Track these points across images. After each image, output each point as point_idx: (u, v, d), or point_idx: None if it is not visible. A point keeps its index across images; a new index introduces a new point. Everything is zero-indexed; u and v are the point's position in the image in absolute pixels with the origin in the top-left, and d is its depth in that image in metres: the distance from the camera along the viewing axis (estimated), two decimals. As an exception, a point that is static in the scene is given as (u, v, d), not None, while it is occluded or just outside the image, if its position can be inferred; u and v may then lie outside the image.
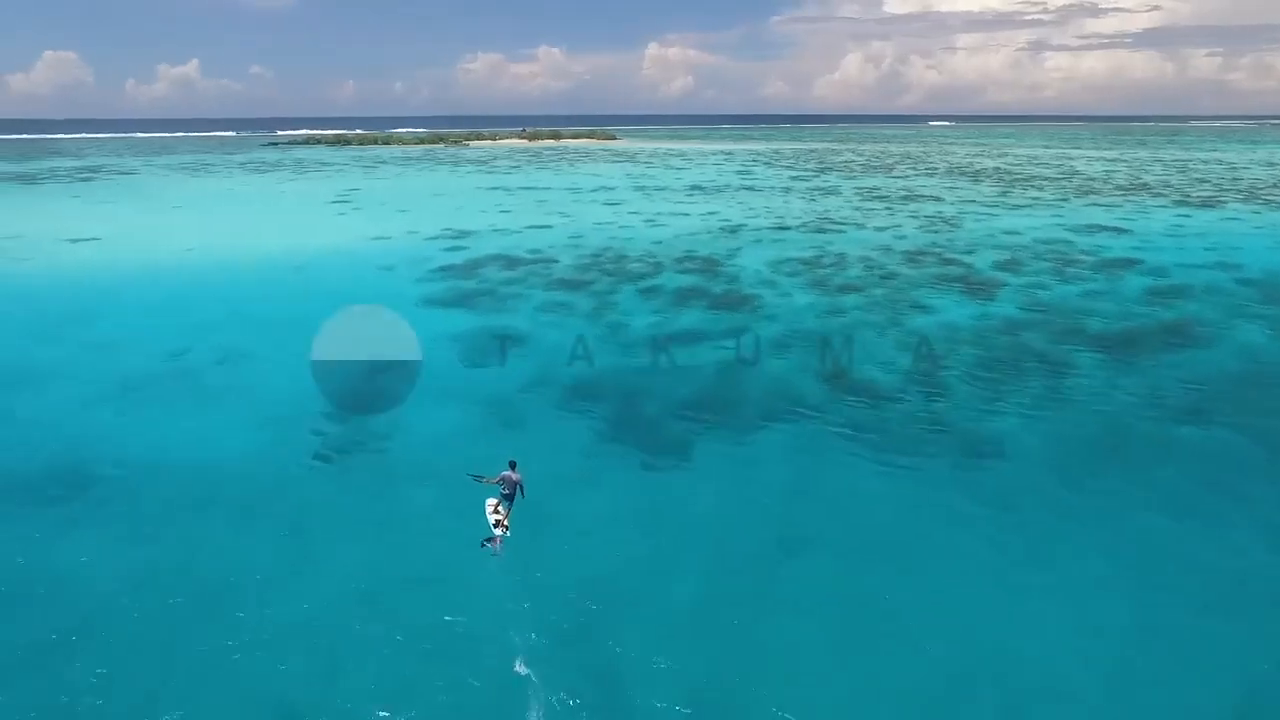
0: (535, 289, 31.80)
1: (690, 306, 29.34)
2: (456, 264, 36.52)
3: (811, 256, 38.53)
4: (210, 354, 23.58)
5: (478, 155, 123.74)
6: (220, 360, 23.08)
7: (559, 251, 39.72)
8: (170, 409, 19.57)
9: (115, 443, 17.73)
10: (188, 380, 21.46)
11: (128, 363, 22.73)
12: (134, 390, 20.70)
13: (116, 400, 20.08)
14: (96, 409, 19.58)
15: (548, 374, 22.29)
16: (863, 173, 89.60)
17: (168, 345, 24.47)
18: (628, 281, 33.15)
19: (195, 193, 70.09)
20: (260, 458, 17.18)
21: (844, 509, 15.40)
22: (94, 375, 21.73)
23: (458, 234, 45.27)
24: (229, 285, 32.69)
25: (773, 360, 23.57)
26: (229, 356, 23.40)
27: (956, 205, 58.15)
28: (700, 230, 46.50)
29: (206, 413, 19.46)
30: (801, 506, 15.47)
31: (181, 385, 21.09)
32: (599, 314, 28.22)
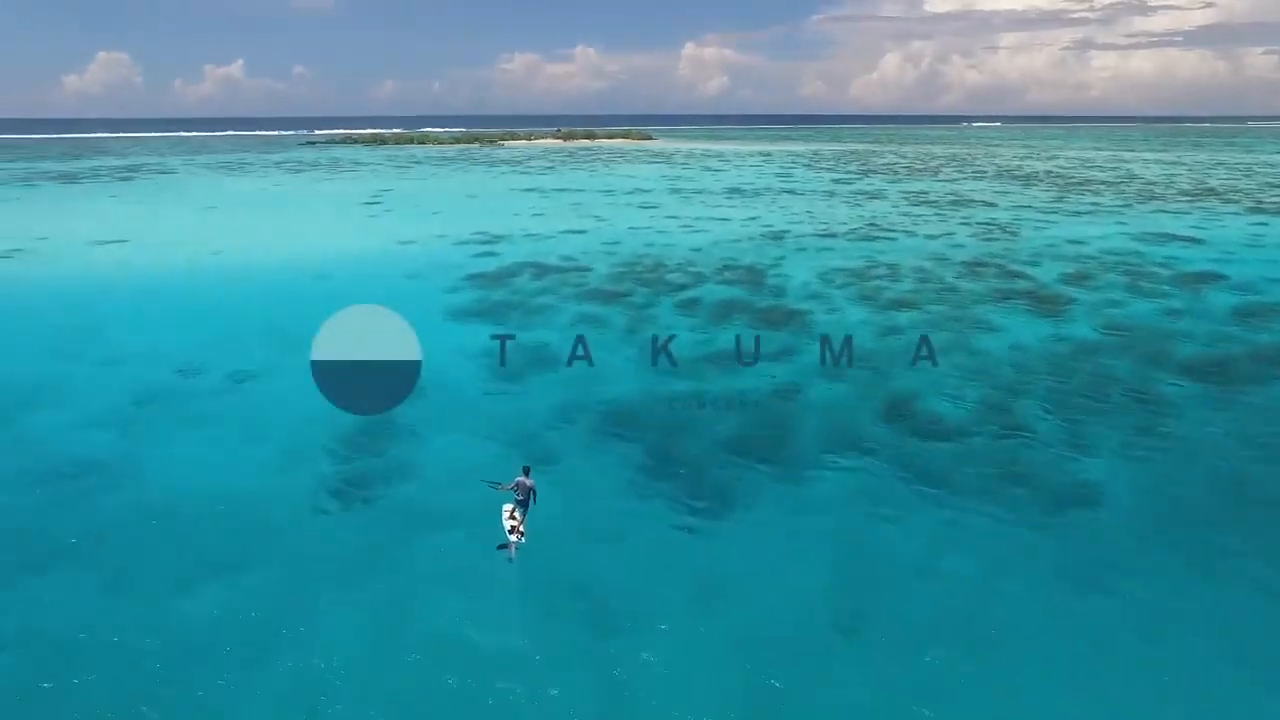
0: (568, 300, 30.00)
1: (733, 322, 27.28)
2: (486, 272, 34.89)
3: (861, 267, 36.20)
4: (220, 373, 22.14)
5: (512, 155, 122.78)
6: (229, 381, 21.62)
7: (593, 258, 37.91)
8: (169, 439, 18.06)
9: (104, 478, 16.25)
10: (192, 405, 19.99)
11: (133, 382, 21.36)
12: (134, 416, 19.27)
13: (114, 427, 18.64)
14: (90, 437, 18.15)
15: (579, 400, 20.44)
16: (907, 175, 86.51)
17: (178, 361, 23.10)
18: (666, 293, 31.19)
19: (228, 193, 69.76)
20: (261, 496, 15.56)
21: (906, 575, 13.28)
22: (95, 397, 20.38)
23: (488, 238, 43.72)
24: (248, 294, 31.42)
25: (824, 387, 21.43)
26: (239, 376, 21.94)
27: (1011, 211, 55.17)
28: (741, 237, 44.36)
29: (208, 442, 17.93)
30: (858, 571, 13.40)
31: (185, 410, 19.62)
32: (635, 330, 26.31)
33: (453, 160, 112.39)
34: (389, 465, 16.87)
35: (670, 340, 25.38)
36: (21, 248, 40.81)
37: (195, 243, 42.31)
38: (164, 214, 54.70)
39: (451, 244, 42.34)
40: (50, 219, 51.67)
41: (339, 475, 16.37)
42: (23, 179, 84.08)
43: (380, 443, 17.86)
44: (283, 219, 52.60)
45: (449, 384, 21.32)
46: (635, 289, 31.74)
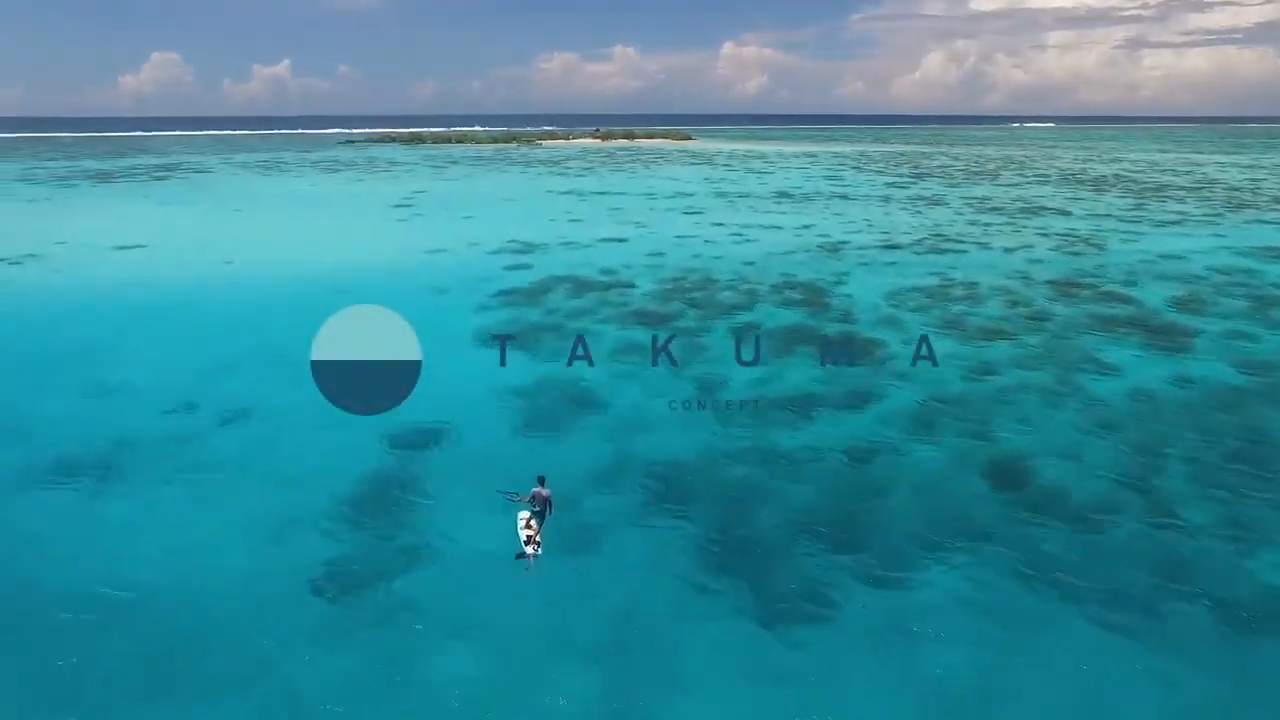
0: (608, 324, 26.73)
1: (797, 355, 23.76)
2: (519, 287, 31.79)
3: (935, 286, 32.35)
4: (211, 412, 19.28)
5: (550, 155, 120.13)
6: (221, 423, 18.73)
7: (636, 273, 34.61)
8: (138, 507, 15.13)
9: (41, 558, 13.39)
10: (172, 456, 17.08)
11: (110, 425, 18.57)
12: (102, 470, 16.40)
13: (73, 487, 15.79)
14: (40, 501, 15.32)
15: (623, 456, 17.16)
16: (965, 179, 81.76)
17: (172, 395, 20.33)
18: (718, 316, 27.75)
19: (259, 193, 67.93)
20: (242, 588, 12.57)
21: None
22: (62, 443, 17.59)
23: (523, 247, 40.70)
24: (260, 311, 28.71)
25: (918, 448, 17.82)
26: (233, 416, 19.06)
27: (1088, 220, 50.59)
28: (796, 248, 40.70)
29: (189, 507, 15.01)
30: (983, 710, 9.96)
31: (163, 464, 16.72)
32: (685, 364, 22.94)
33: (489, 160, 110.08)
34: (402, 546, 13.74)
35: (671, 340, 24.35)
36: (36, 252, 38.85)
37: (213, 249, 39.96)
38: (188, 217, 52.73)
39: (483, 253, 39.38)
40: (73, 221, 49.98)
41: (342, 561, 13.28)
42: (61, 178, 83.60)
43: (393, 511, 14.77)
44: (308, 223, 50.24)
45: (471, 431, 18.18)
46: (684, 310, 28.35)
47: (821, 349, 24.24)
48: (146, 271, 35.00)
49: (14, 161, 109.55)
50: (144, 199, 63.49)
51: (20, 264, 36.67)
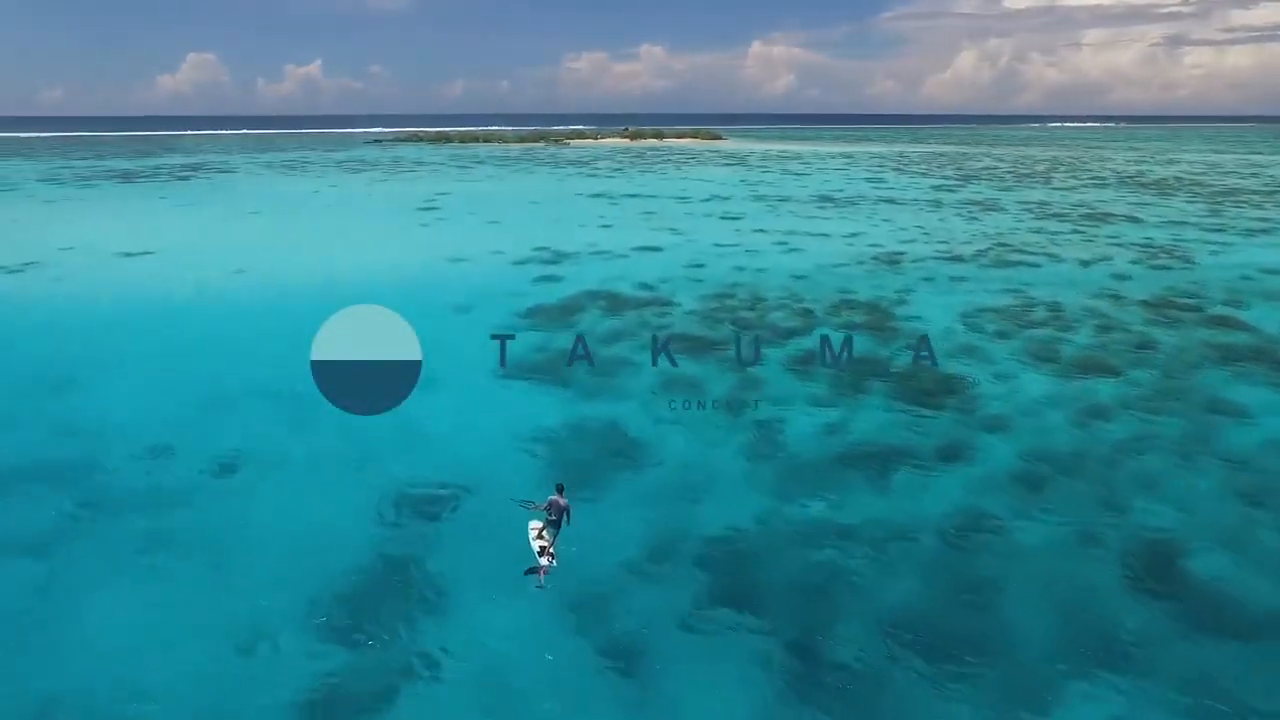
0: (648, 352, 23.63)
1: (870, 394, 20.48)
2: (546, 305, 28.80)
3: (1013, 306, 28.82)
4: (195, 462, 16.48)
5: (578, 155, 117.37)
6: (202, 477, 15.91)
7: (675, 287, 31.47)
8: (86, 595, 12.35)
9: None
10: (141, 524, 14.24)
11: (76, 474, 15.84)
12: (53, 543, 13.66)
13: (19, 563, 13.07)
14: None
15: (669, 526, 14.08)
16: (1015, 182, 77.46)
17: (148, 438, 17.58)
18: (772, 343, 24.51)
19: (279, 195, 65.79)
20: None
21: None
22: (16, 506, 14.88)
23: (551, 256, 37.75)
24: (263, 332, 26.01)
25: (1029, 523, 14.48)
26: (215, 468, 16.25)
27: (1165, 229, 46.50)
28: (849, 260, 37.28)
29: (140, 605, 12.16)
30: None
31: (128, 535, 13.89)
32: (740, 404, 19.77)
33: (516, 161, 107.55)
34: (401, 664, 10.78)
35: (669, 341, 23.69)
36: (38, 259, 36.65)
37: (222, 257, 37.49)
38: (202, 221, 50.50)
39: (509, 263, 36.49)
40: (84, 224, 47.99)
41: (327, 683, 10.35)
42: (85, 178, 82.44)
43: (397, 613, 11.81)
44: (325, 228, 47.69)
45: (493, 494, 15.18)
46: (734, 336, 25.16)
47: (894, 386, 20.94)
48: (148, 283, 32.55)
49: (42, 161, 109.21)
50: (161, 200, 61.60)
51: (19, 273, 34.46)
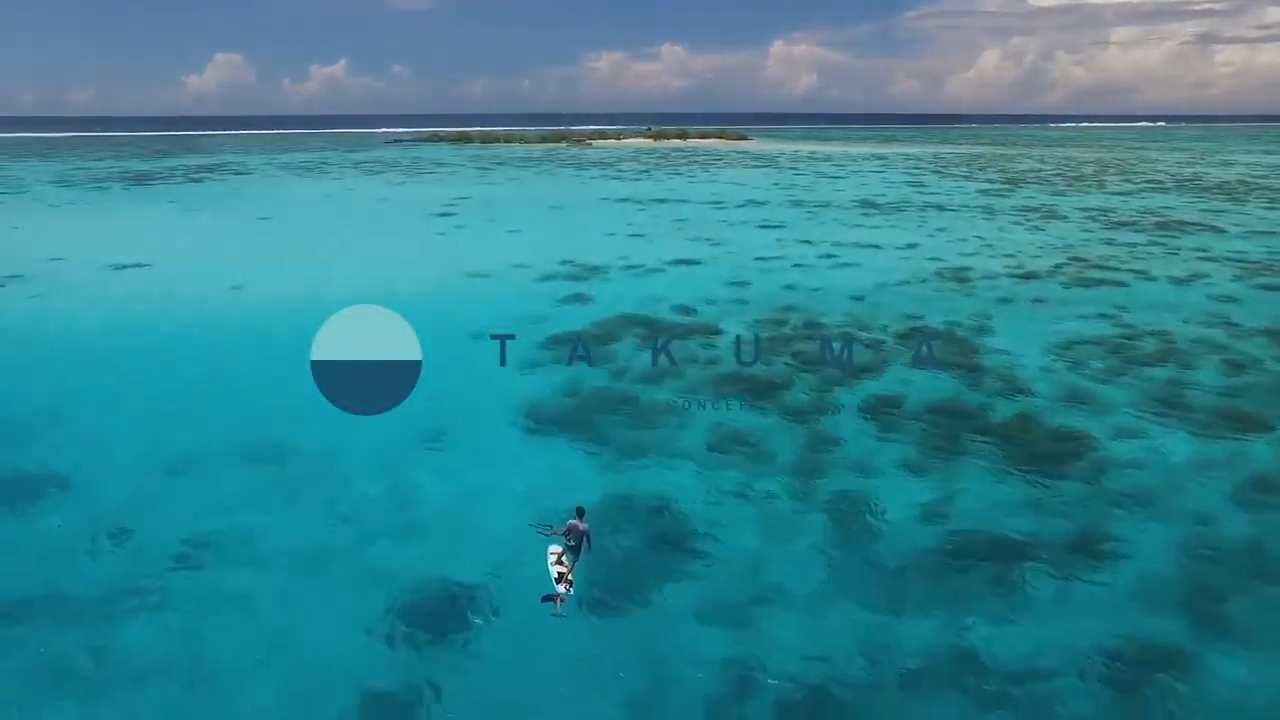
0: (695, 393, 20.04)
1: (969, 456, 16.77)
2: (575, 333, 25.31)
3: (1115, 337, 24.92)
4: (156, 552, 13.10)
5: (601, 156, 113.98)
6: (163, 576, 12.56)
7: (720, 311, 27.88)
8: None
9: None
10: (71, 654, 10.96)
11: (7, 575, 12.64)
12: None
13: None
14: None
15: (738, 659, 10.54)
16: (1066, 186, 72.94)
17: (103, 517, 14.26)
18: (842, 387, 20.81)
19: (292, 198, 62.94)
20: None
21: None
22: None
23: (577, 271, 34.31)
24: (252, 367, 22.77)
25: (1228, 663, 10.80)
26: (184, 562, 12.88)
27: (1253, 240, 42.16)
28: (910, 277, 33.47)
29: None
30: None
31: (51, 671, 10.62)
32: (812, 469, 16.15)
33: (538, 162, 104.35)
34: None
35: (669, 342, 23.10)
36: (21, 273, 33.75)
37: (222, 270, 34.43)
38: (206, 227, 47.61)
39: (531, 280, 33.10)
40: (82, 232, 45.29)
41: None
42: (98, 179, 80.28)
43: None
44: (334, 237, 44.46)
45: (520, 587, 11.71)
46: (793, 376, 21.46)
47: (997, 445, 17.23)
48: (133, 304, 29.43)
49: (60, 161, 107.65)
50: (169, 204, 58.94)
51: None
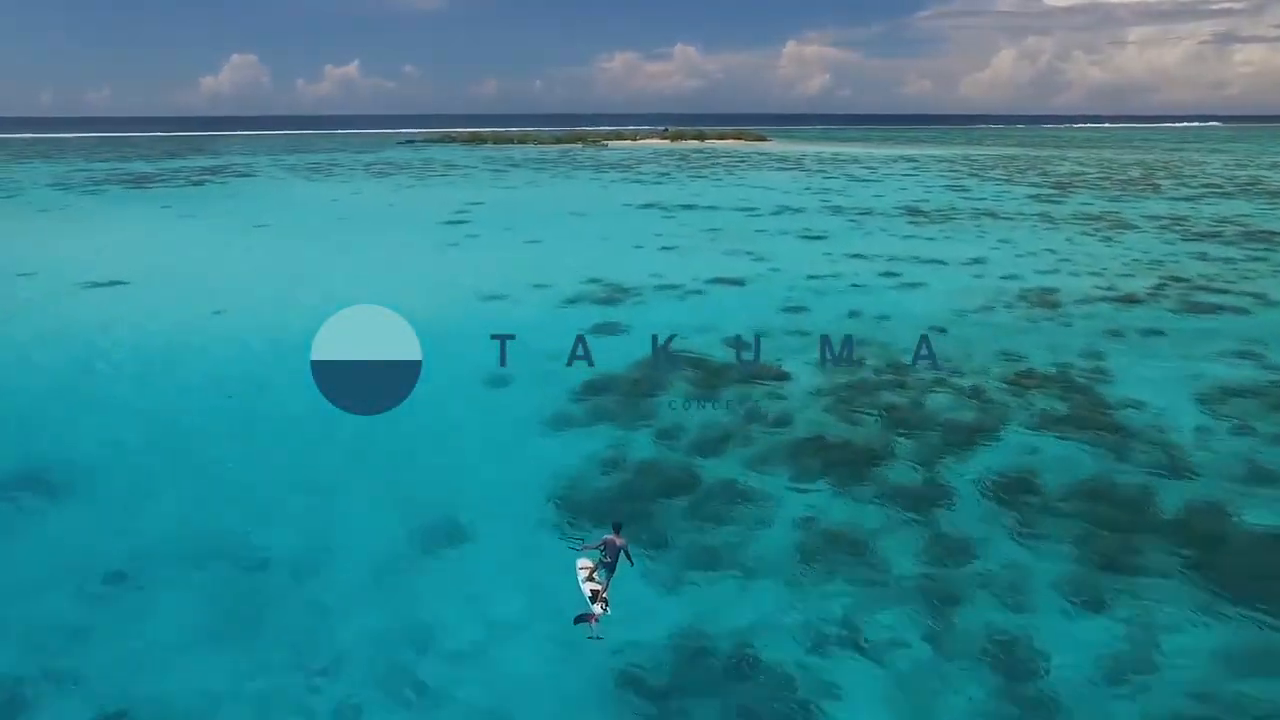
0: (771, 469, 15.76)
1: (1153, 573, 12.44)
2: (612, 376, 21.08)
3: (1267, 383, 20.51)
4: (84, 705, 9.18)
5: (619, 158, 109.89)
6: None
7: (779, 346, 23.61)
8: None
9: None
10: None
11: None
12: None
13: None
14: None
15: None
16: (1119, 190, 68.15)
17: (38, 637, 10.34)
18: (949, 449, 16.52)
19: (295, 203, 59.11)
20: None
21: None
22: None
23: (608, 292, 30.19)
24: (230, 429, 18.72)
25: None
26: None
27: (1361, 256, 37.51)
28: (990, 300, 29.07)
29: None
30: None
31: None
32: (943, 594, 11.91)
33: (554, 163, 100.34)
34: None
35: (671, 339, 22.39)
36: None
37: (206, 290, 30.54)
38: (197, 236, 43.64)
39: (556, 303, 28.98)
40: (62, 242, 41.45)
41: None
42: (96, 182, 76.97)
43: None
44: (335, 249, 40.43)
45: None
46: (889, 441, 17.13)
47: (1184, 558, 12.94)
48: (99, 335, 25.41)
49: (63, 163, 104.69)
50: (163, 210, 55.23)
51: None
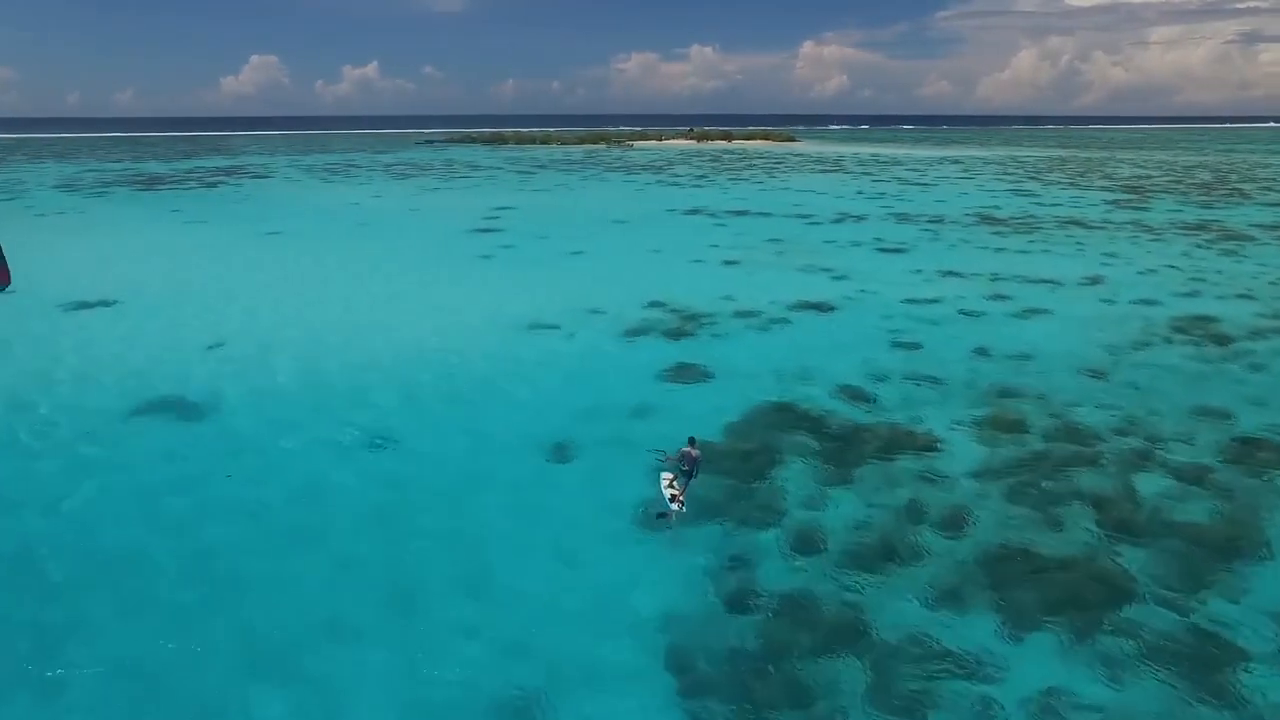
0: (967, 606, 10.99)
1: None
2: (707, 448, 16.32)
3: None
4: None
5: (647, 159, 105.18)
6: None
7: (903, 396, 18.76)
8: None
9: None
10: None
11: None
12: None
13: None
14: None
15: None
16: (1204, 195, 62.53)
17: None
18: (1206, 568, 11.67)
19: (311, 208, 54.71)
20: None
21: None
22: None
23: (677, 323, 25.42)
24: (199, 506, 14.17)
25: None
26: None
27: None
28: (1140, 335, 24.02)
29: None
30: None
31: None
32: None
33: (581, 164, 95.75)
34: None
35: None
36: (-55, 317, 25.77)
37: (203, 314, 26.11)
38: (203, 247, 39.16)
39: (616, 335, 24.25)
40: (53, 253, 37.20)
41: None
42: (105, 184, 73.26)
43: None
44: (351, 263, 35.71)
45: None
46: (1114, 549, 12.24)
47: None
48: (73, 368, 21.08)
49: (74, 163, 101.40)
50: (171, 215, 51.09)
51: (-95, 339, 23.52)
